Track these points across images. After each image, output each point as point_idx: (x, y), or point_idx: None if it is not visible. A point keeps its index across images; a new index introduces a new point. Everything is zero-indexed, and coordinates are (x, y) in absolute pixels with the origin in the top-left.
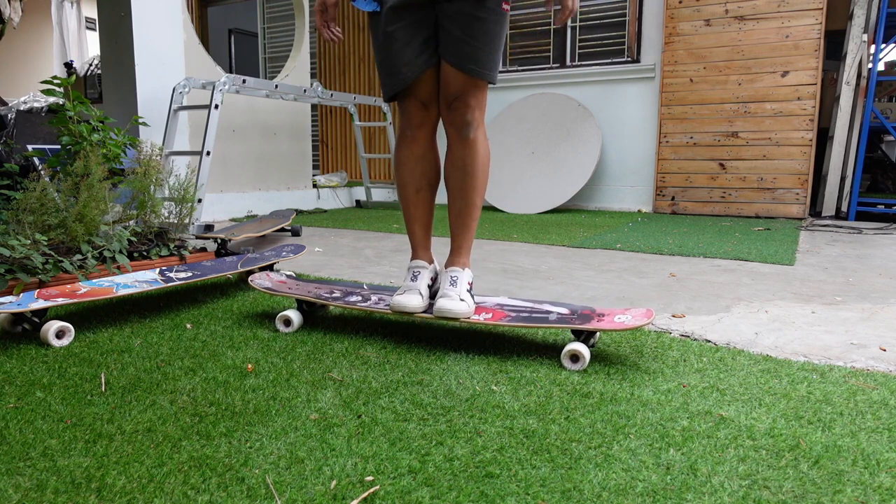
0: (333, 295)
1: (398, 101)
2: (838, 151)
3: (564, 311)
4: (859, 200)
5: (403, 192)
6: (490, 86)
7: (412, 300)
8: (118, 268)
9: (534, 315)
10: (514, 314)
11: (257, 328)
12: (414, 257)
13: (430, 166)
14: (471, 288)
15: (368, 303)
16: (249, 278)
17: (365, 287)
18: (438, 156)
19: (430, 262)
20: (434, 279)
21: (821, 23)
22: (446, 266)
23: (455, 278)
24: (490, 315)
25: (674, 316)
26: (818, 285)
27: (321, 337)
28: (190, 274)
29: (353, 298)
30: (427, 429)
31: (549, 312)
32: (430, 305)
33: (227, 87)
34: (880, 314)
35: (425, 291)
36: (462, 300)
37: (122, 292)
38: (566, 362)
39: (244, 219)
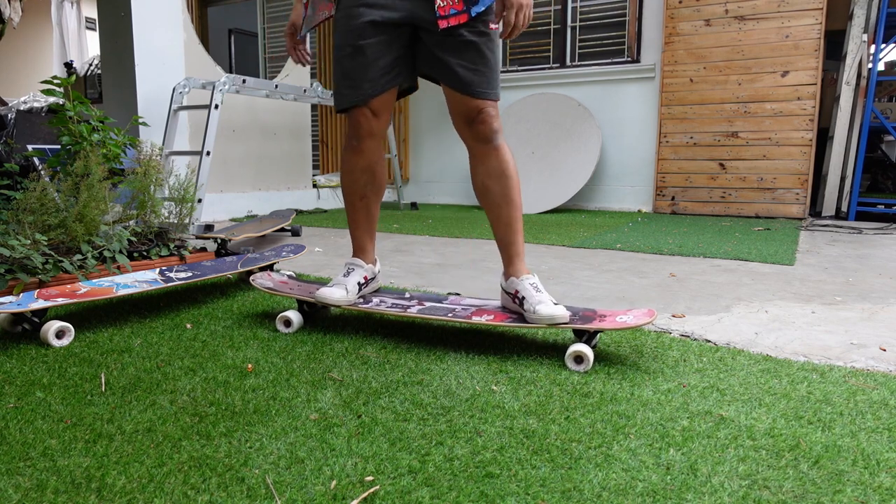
0: None
1: (348, 111)
2: (838, 151)
3: None
4: (859, 200)
5: (348, 198)
6: None
7: (336, 293)
8: (118, 268)
9: None
10: (516, 315)
11: (257, 328)
12: (353, 256)
13: (375, 177)
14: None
15: (370, 305)
16: (251, 278)
17: None
18: (385, 165)
19: (369, 262)
20: (367, 279)
21: (821, 23)
22: (518, 276)
23: (535, 284)
24: (492, 317)
25: (674, 316)
26: (818, 285)
27: (321, 337)
28: (190, 274)
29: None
30: (427, 429)
31: None
32: (366, 302)
33: (227, 87)
34: (880, 314)
35: (353, 287)
36: (556, 304)
37: (122, 292)
38: (570, 364)
39: (244, 219)
